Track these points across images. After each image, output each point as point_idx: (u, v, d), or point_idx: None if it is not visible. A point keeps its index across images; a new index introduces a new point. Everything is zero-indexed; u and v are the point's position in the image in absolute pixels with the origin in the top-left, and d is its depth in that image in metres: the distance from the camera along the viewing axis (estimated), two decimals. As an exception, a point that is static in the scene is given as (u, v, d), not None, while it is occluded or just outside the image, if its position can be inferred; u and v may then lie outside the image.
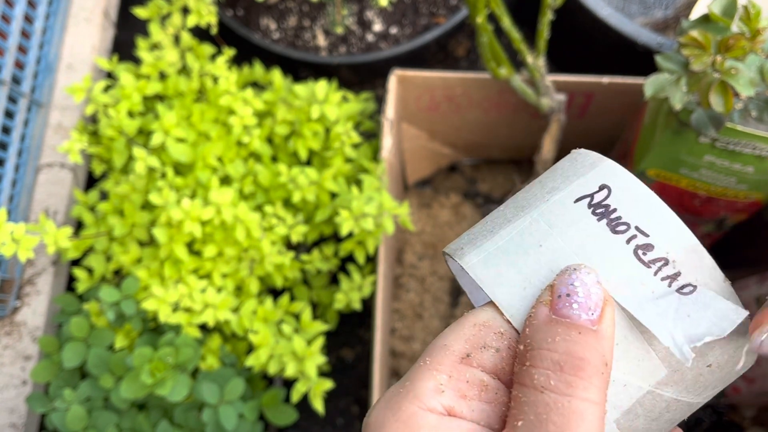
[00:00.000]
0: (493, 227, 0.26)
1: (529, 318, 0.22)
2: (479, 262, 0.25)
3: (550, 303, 0.22)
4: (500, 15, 0.64)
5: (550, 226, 0.24)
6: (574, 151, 0.28)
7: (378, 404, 0.23)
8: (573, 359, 0.21)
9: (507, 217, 0.26)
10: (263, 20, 0.92)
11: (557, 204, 0.25)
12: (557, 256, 0.24)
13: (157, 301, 0.65)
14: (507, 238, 0.25)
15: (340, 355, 0.86)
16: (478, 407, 0.22)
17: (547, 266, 0.24)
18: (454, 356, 0.23)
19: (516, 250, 0.24)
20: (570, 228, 0.24)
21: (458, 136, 0.86)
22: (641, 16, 0.85)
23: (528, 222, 0.25)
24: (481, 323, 0.23)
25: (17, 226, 0.61)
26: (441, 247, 0.89)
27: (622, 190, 0.24)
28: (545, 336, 0.21)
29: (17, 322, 0.75)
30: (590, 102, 0.76)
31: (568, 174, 0.26)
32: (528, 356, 0.21)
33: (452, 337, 0.23)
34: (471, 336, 0.23)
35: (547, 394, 0.20)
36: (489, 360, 0.23)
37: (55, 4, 0.87)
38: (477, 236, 0.26)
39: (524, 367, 0.21)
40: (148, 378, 0.61)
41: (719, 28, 0.52)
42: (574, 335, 0.21)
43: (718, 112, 0.51)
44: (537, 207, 0.25)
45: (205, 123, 0.73)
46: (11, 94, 0.77)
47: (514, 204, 0.27)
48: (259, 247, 0.69)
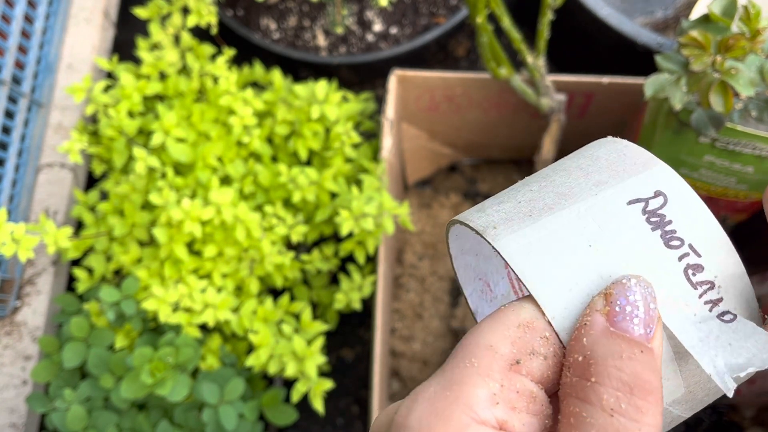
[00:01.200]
0: (531, 211, 0.24)
1: (585, 326, 0.21)
2: (520, 249, 0.22)
3: (608, 313, 0.21)
4: (500, 15, 0.64)
5: (600, 226, 0.23)
6: (614, 140, 0.26)
7: (420, 405, 0.21)
8: (642, 382, 0.20)
9: (547, 203, 0.24)
10: (263, 20, 0.92)
11: (608, 202, 0.23)
12: (608, 261, 0.22)
13: (157, 301, 0.65)
14: (551, 228, 0.23)
15: (340, 355, 0.86)
16: (528, 421, 0.21)
17: (596, 270, 0.22)
18: (504, 362, 0.21)
19: (562, 246, 0.22)
20: (623, 233, 0.23)
21: (458, 136, 0.86)
22: (641, 16, 0.85)
23: (575, 215, 0.23)
24: (525, 324, 0.22)
25: (17, 226, 0.61)
26: (441, 247, 0.89)
27: (679, 201, 0.23)
28: (609, 351, 0.20)
29: (17, 322, 0.75)
30: (590, 102, 0.76)
31: (617, 169, 0.24)
32: (592, 371, 0.20)
33: (497, 337, 0.21)
34: (517, 338, 0.21)
35: (617, 418, 0.20)
36: (538, 368, 0.21)
37: (55, 4, 0.87)
38: (512, 217, 0.24)
39: (588, 383, 0.20)
40: (148, 378, 0.61)
41: (719, 28, 0.52)
42: (637, 354, 0.20)
43: (718, 112, 0.51)
44: (584, 199, 0.23)
45: (205, 123, 0.73)
46: (11, 94, 0.77)
47: (552, 187, 0.24)
48: (259, 247, 0.69)
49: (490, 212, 0.24)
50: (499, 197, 0.25)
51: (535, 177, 0.26)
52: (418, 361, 0.84)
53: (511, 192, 0.25)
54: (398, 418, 0.22)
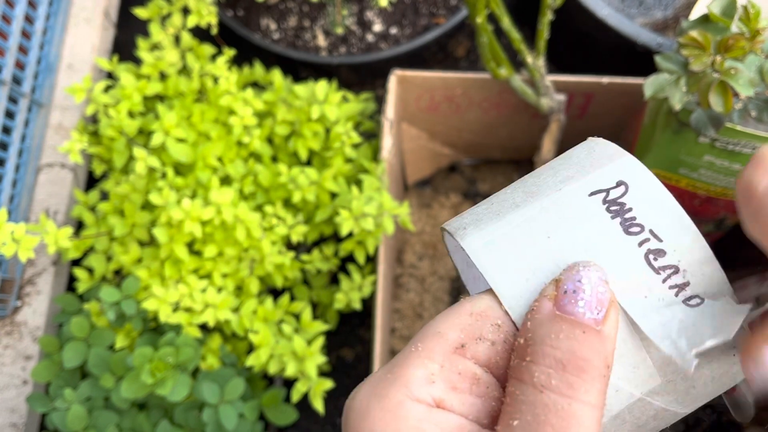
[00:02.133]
0: (500, 210, 0.24)
1: (532, 311, 0.21)
2: (482, 245, 0.23)
3: (555, 298, 0.21)
4: (500, 15, 0.64)
5: (560, 217, 0.23)
6: (590, 139, 0.27)
7: (363, 388, 0.22)
8: (576, 359, 0.20)
9: (515, 202, 0.24)
10: (263, 20, 0.92)
11: (570, 195, 0.24)
12: (565, 249, 0.23)
13: (158, 301, 0.65)
14: (514, 224, 0.23)
15: (340, 355, 0.86)
16: (468, 401, 0.21)
17: (553, 259, 0.22)
18: (448, 345, 0.22)
19: (522, 239, 0.23)
20: (581, 222, 0.23)
21: (458, 137, 0.86)
22: (641, 17, 0.85)
23: (537, 210, 0.24)
24: (478, 312, 0.22)
25: (18, 226, 0.61)
26: (441, 247, 0.89)
27: (640, 189, 0.23)
28: (548, 332, 0.20)
29: (18, 321, 0.75)
30: (590, 102, 0.76)
31: (584, 164, 0.25)
32: (529, 351, 0.21)
33: (446, 324, 0.22)
34: (467, 325, 0.22)
35: (547, 394, 0.20)
36: (484, 353, 0.22)
37: (56, 4, 0.87)
38: (482, 217, 0.24)
39: (524, 363, 0.21)
40: (149, 378, 0.61)
41: (719, 29, 0.52)
42: (578, 334, 0.20)
43: (718, 112, 0.51)
44: (548, 195, 0.24)
45: (206, 123, 0.73)
46: (12, 94, 0.77)
47: (523, 188, 0.25)
48: (259, 247, 0.69)
49: (465, 215, 0.25)
50: (478, 204, 0.26)
51: (514, 183, 0.27)
52: (418, 361, 0.84)
53: (489, 198, 0.26)
54: (348, 400, 0.23)
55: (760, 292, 0.69)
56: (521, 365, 0.21)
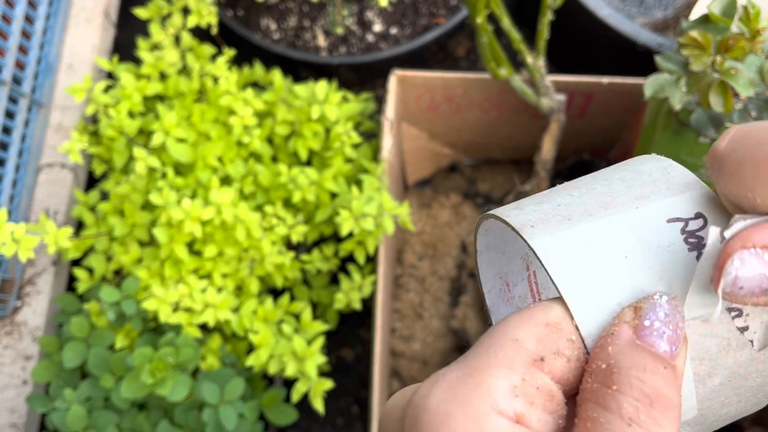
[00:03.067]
0: (570, 215, 0.24)
1: (611, 336, 0.21)
2: (555, 250, 0.23)
3: (636, 326, 0.21)
4: (500, 15, 0.64)
5: (638, 239, 0.23)
6: (659, 157, 0.27)
7: (440, 388, 0.21)
8: (661, 395, 0.20)
9: (587, 210, 0.24)
10: (263, 20, 0.92)
11: (648, 217, 0.23)
12: (642, 275, 0.22)
13: (158, 301, 0.65)
14: (588, 235, 0.23)
15: (340, 355, 0.86)
16: (543, 418, 0.21)
17: (629, 282, 0.22)
18: (528, 356, 0.21)
19: (597, 253, 0.23)
20: (660, 249, 0.23)
21: (458, 136, 0.86)
22: (641, 17, 0.85)
23: (614, 225, 0.23)
24: (553, 323, 0.22)
25: (18, 226, 0.61)
26: (441, 247, 0.89)
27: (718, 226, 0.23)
28: (633, 362, 0.21)
29: (18, 321, 0.75)
30: (590, 102, 0.76)
31: (660, 185, 0.25)
32: (615, 379, 0.20)
33: (524, 332, 0.22)
34: (543, 336, 0.22)
35: (635, 427, 0.20)
36: (559, 369, 0.21)
37: (56, 4, 0.87)
38: (549, 218, 0.24)
39: (609, 391, 0.20)
40: (149, 378, 0.61)
41: (719, 29, 0.52)
42: (660, 369, 0.20)
43: (718, 112, 0.51)
44: (624, 211, 0.24)
45: (206, 123, 0.73)
46: (12, 94, 0.77)
47: (592, 195, 0.25)
48: (259, 247, 0.69)
49: (528, 211, 0.24)
50: (538, 198, 0.26)
51: (575, 183, 0.26)
52: (418, 361, 0.84)
53: (550, 194, 0.26)
54: (417, 398, 0.22)
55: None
56: (605, 392, 0.21)
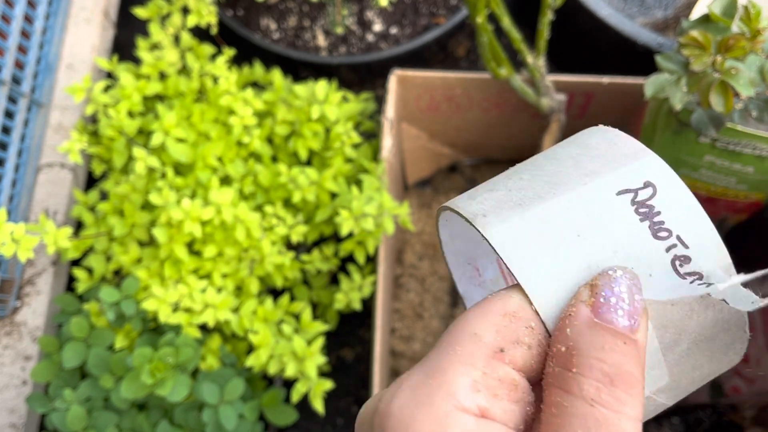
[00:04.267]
0: (521, 199, 0.24)
1: (569, 317, 0.21)
2: (509, 238, 0.22)
3: (593, 304, 0.21)
4: (500, 15, 0.64)
5: (588, 215, 0.23)
6: (604, 128, 0.26)
7: (402, 392, 0.21)
8: (623, 373, 0.20)
9: (537, 192, 0.24)
10: (263, 20, 0.92)
11: (598, 191, 0.23)
12: (596, 251, 0.22)
13: (157, 301, 0.65)
14: (540, 217, 0.23)
15: (340, 355, 0.86)
16: (508, 408, 0.21)
17: (584, 260, 0.22)
18: (487, 349, 0.21)
19: (551, 235, 0.22)
20: (611, 223, 0.23)
21: (458, 136, 0.86)
22: (641, 16, 0.85)
23: (564, 205, 0.23)
24: (512, 312, 0.22)
25: (17, 226, 0.61)
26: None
27: (668, 192, 0.23)
28: (592, 342, 0.21)
29: (17, 322, 0.75)
30: (590, 102, 0.76)
31: (608, 158, 0.24)
32: (575, 362, 0.21)
33: (482, 325, 0.22)
34: (502, 327, 0.21)
35: (598, 408, 0.20)
36: (521, 357, 0.21)
37: (55, 4, 0.87)
38: (502, 205, 0.24)
39: (569, 373, 0.21)
40: (148, 378, 0.61)
41: (719, 28, 0.52)
42: (620, 345, 0.20)
43: (718, 112, 0.51)
44: (574, 189, 0.23)
45: (205, 123, 0.73)
46: (11, 94, 0.77)
47: (541, 176, 0.24)
48: (259, 247, 0.69)
49: (480, 199, 0.24)
50: (490, 184, 0.25)
51: (526, 164, 0.26)
52: (418, 361, 0.84)
53: (501, 179, 0.25)
54: (381, 405, 0.22)
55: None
56: (567, 375, 0.21)
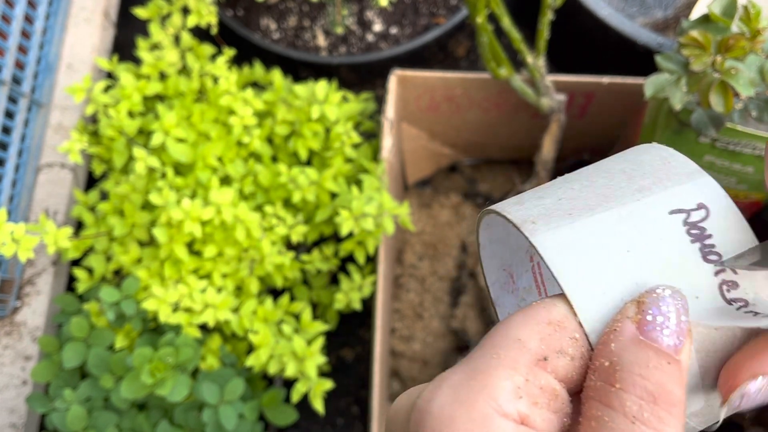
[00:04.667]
0: (572, 209, 0.23)
1: (614, 332, 0.21)
2: (557, 247, 0.22)
3: (639, 322, 0.21)
4: (500, 15, 0.64)
5: (639, 232, 0.23)
6: (659, 146, 0.26)
7: (443, 391, 0.21)
8: (666, 392, 0.20)
9: (588, 204, 0.23)
10: (263, 20, 0.92)
11: (650, 209, 0.23)
12: (644, 269, 0.22)
13: (158, 301, 0.65)
14: (590, 230, 0.23)
15: (340, 355, 0.86)
16: (547, 417, 0.21)
17: (631, 276, 0.22)
18: (531, 356, 0.21)
19: (599, 248, 0.22)
20: (661, 242, 0.23)
21: (458, 136, 0.86)
22: (641, 17, 0.85)
23: (615, 219, 0.23)
24: (556, 322, 0.22)
25: (17, 226, 0.61)
26: (441, 247, 0.89)
27: (721, 216, 0.23)
28: (636, 358, 0.21)
29: (17, 322, 0.75)
30: (590, 102, 0.76)
31: (661, 176, 0.24)
32: (618, 377, 0.21)
33: (526, 331, 0.22)
34: (546, 335, 0.21)
35: (638, 426, 0.20)
36: (563, 367, 0.21)
37: (55, 4, 0.87)
38: (551, 212, 0.23)
39: (612, 389, 0.21)
40: (148, 378, 0.61)
41: (719, 28, 0.52)
42: (664, 364, 0.20)
43: (718, 112, 0.51)
44: (625, 204, 0.23)
45: (205, 123, 0.73)
46: (11, 94, 0.77)
47: (593, 188, 0.24)
48: (259, 247, 0.69)
49: (529, 205, 0.24)
50: (539, 191, 0.25)
51: (576, 175, 0.26)
52: (418, 361, 0.84)
53: (552, 188, 0.25)
54: (421, 402, 0.21)
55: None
56: (609, 390, 0.21)
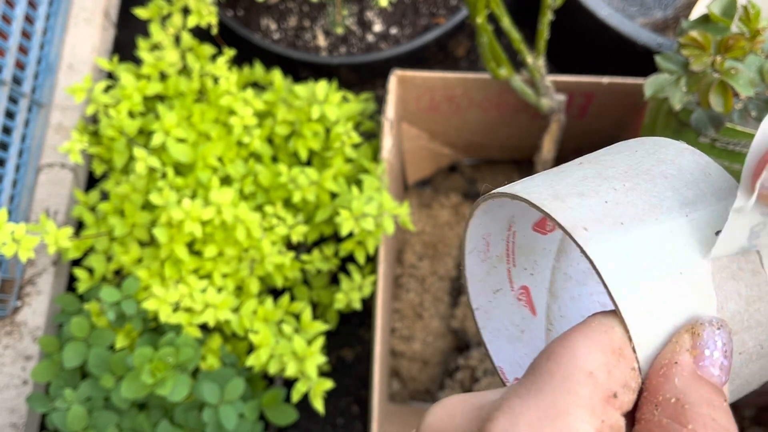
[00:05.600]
0: (621, 218, 0.22)
1: (675, 365, 0.21)
2: (612, 261, 0.21)
3: (696, 356, 0.21)
4: (500, 15, 0.64)
5: (690, 252, 0.22)
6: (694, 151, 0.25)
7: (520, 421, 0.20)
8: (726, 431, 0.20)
9: (637, 212, 0.22)
10: (263, 20, 0.92)
11: (699, 228, 0.22)
12: (696, 295, 0.21)
13: (158, 301, 0.65)
14: (643, 244, 0.22)
15: (340, 355, 0.86)
16: None
17: (684, 302, 0.21)
18: (603, 393, 0.21)
19: (652, 265, 0.21)
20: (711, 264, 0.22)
21: (458, 136, 0.86)
22: (641, 17, 0.85)
23: (668, 236, 0.22)
24: (618, 350, 0.21)
25: (18, 226, 0.61)
26: (441, 248, 0.89)
27: None
28: (701, 397, 0.20)
29: (18, 322, 0.75)
30: (590, 102, 0.76)
31: (703, 188, 0.23)
32: (688, 416, 0.20)
33: (595, 363, 0.21)
34: (612, 367, 0.21)
35: None
36: (627, 403, 0.21)
37: (56, 4, 0.87)
38: (601, 219, 0.22)
39: (684, 429, 0.20)
40: (149, 378, 0.61)
41: (719, 29, 0.52)
42: (723, 404, 0.20)
43: (718, 112, 0.51)
44: (674, 218, 0.22)
45: (206, 123, 0.73)
46: (12, 94, 0.77)
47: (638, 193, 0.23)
48: (259, 247, 0.69)
49: (572, 204, 0.23)
50: (576, 185, 0.24)
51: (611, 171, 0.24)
52: (418, 361, 0.84)
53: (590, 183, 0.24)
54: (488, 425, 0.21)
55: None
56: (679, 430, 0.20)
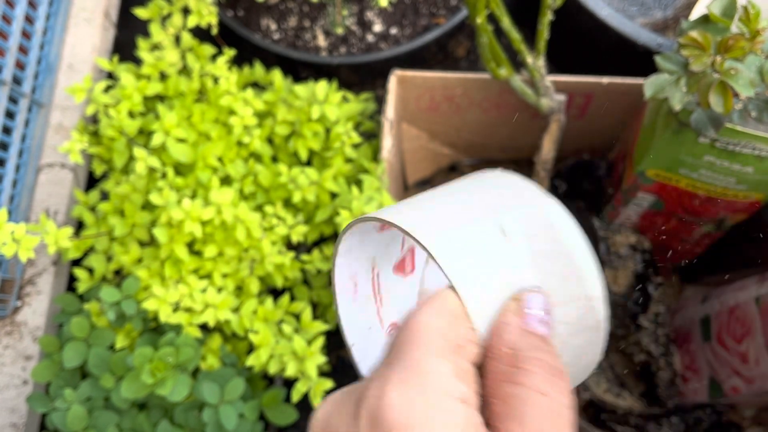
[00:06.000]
0: (451, 221, 0.27)
1: (507, 325, 0.25)
2: (443, 246, 0.26)
3: (520, 315, 0.25)
4: (500, 15, 0.64)
5: (500, 240, 0.27)
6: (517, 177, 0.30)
7: (393, 386, 0.23)
8: (556, 369, 0.25)
9: (462, 217, 0.28)
10: (263, 21, 0.92)
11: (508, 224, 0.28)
12: (518, 275, 0.26)
13: (158, 301, 0.65)
14: (468, 236, 0.27)
15: (340, 355, 0.86)
16: (476, 397, 0.24)
17: (507, 277, 0.26)
18: (452, 344, 0.24)
19: (478, 250, 0.26)
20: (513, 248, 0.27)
21: (458, 137, 0.86)
22: (641, 17, 0.85)
23: (490, 226, 0.27)
24: (458, 314, 0.25)
25: (18, 226, 0.61)
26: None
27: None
28: (530, 344, 0.25)
29: (18, 321, 0.75)
30: (590, 102, 0.76)
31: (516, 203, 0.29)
32: (522, 360, 0.25)
33: (441, 323, 0.25)
34: (455, 326, 0.25)
35: (550, 397, 0.24)
36: (472, 354, 0.25)
37: (56, 4, 0.87)
38: (433, 221, 0.27)
39: (521, 370, 0.24)
40: (149, 378, 0.61)
41: (719, 29, 0.52)
42: (549, 347, 0.25)
43: (718, 112, 0.51)
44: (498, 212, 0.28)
45: (206, 123, 0.73)
46: (12, 94, 0.77)
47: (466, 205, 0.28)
48: (259, 247, 0.69)
49: (410, 214, 0.28)
50: (416, 204, 0.29)
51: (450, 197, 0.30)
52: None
53: (425, 203, 0.29)
54: (372, 399, 0.24)
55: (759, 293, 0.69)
56: (516, 372, 0.25)
